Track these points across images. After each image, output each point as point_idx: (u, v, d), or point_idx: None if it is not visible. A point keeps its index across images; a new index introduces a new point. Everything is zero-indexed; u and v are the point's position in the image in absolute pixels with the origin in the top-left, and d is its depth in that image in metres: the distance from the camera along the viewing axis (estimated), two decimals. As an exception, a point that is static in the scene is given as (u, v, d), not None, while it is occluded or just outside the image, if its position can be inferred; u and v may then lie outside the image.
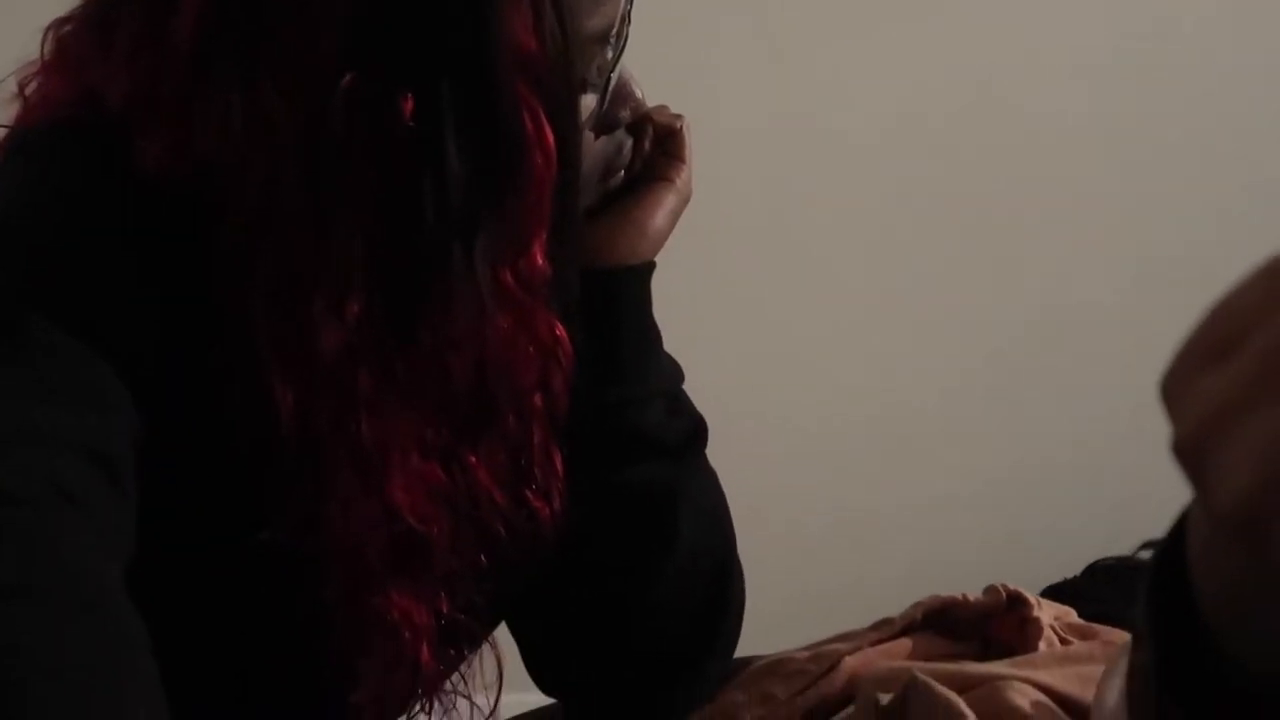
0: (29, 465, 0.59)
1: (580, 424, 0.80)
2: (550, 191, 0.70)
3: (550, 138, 0.69)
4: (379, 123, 0.66)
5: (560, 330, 0.74)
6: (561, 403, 0.76)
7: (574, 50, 0.70)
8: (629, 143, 0.84)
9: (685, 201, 0.86)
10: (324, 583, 0.72)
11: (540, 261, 0.71)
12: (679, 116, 0.86)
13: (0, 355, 0.63)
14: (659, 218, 0.84)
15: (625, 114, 0.81)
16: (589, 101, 0.75)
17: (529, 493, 0.77)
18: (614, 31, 0.75)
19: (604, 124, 0.79)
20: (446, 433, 0.73)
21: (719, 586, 0.87)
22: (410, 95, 0.66)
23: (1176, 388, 0.33)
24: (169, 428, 0.67)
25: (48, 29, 0.74)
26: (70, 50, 0.73)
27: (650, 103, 0.84)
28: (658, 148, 0.85)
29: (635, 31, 0.76)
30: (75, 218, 0.68)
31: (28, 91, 0.75)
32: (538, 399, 0.75)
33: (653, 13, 0.79)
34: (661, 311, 0.85)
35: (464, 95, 0.67)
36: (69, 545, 0.58)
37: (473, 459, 0.74)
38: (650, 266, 0.84)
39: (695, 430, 0.86)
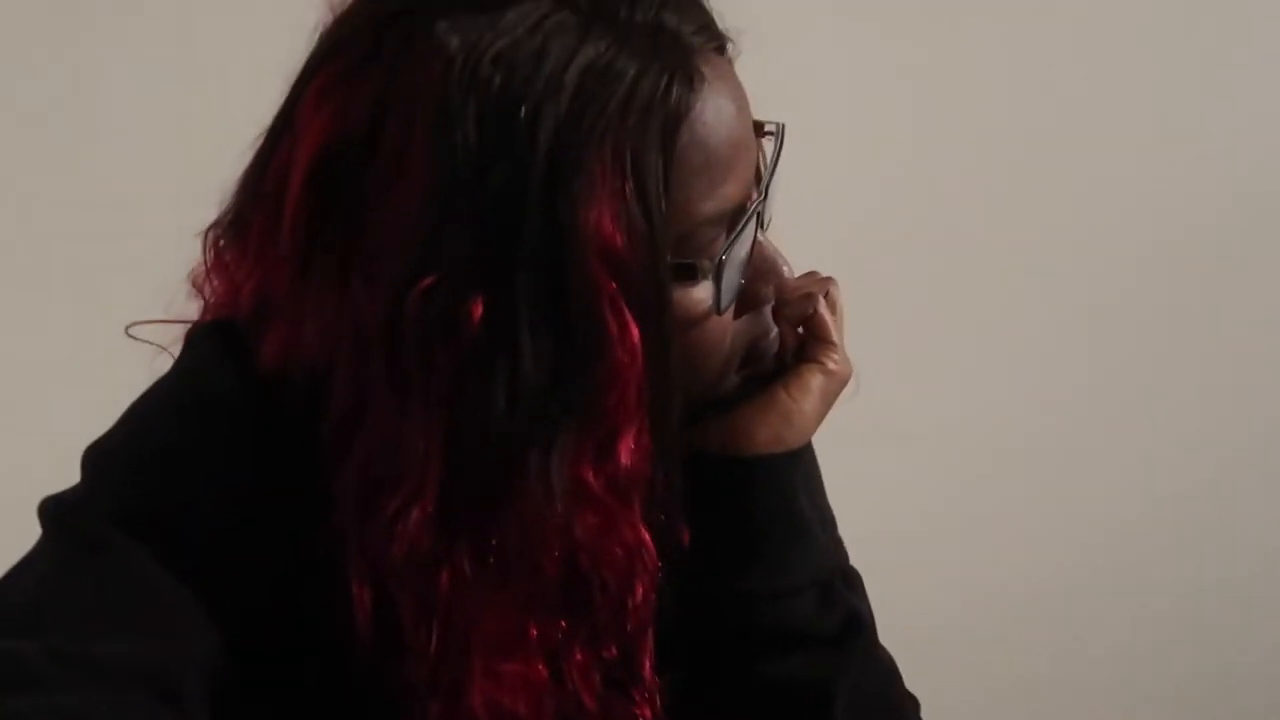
0: (65, 708, 0.61)
1: (724, 618, 0.77)
2: (636, 390, 0.68)
3: (635, 333, 0.67)
4: (451, 325, 0.65)
5: (645, 535, 0.71)
6: (646, 610, 0.73)
7: (660, 240, 0.67)
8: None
9: (841, 383, 0.81)
10: None
11: (626, 461, 0.69)
12: (810, 296, 0.80)
13: (80, 579, 0.67)
14: (806, 403, 0.79)
15: (768, 291, 0.77)
16: (703, 290, 0.71)
17: (636, 693, 0.75)
18: (735, 213, 0.72)
19: (745, 303, 0.76)
20: (551, 630, 0.71)
21: None
22: (481, 296, 0.65)
23: None
24: (267, 637, 0.70)
25: (206, 232, 0.76)
26: (220, 252, 0.75)
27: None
28: (804, 330, 0.80)
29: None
30: (197, 427, 0.72)
31: (206, 293, 0.78)
32: (633, 598, 0.72)
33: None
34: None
35: (539, 293, 0.65)
36: None
37: (580, 656, 0.72)
38: (795, 455, 0.79)
39: (850, 620, 0.80)
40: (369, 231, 0.67)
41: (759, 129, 0.76)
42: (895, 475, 1.76)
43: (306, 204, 0.68)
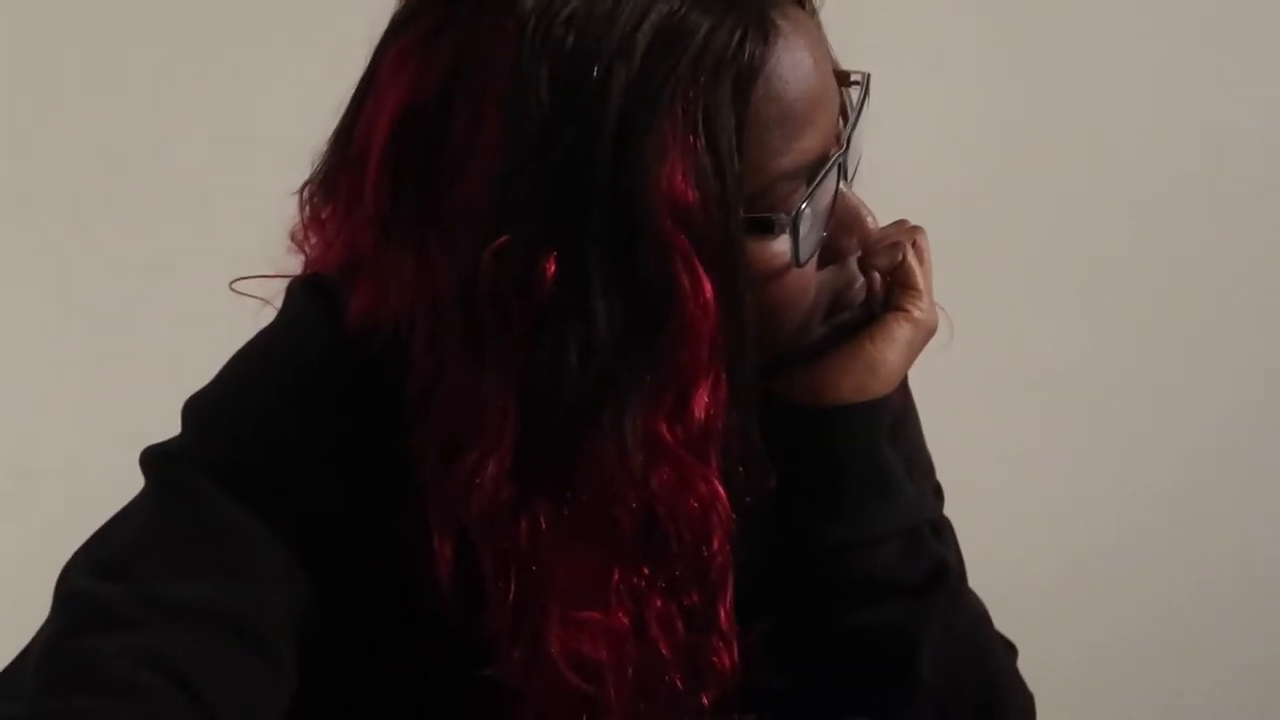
0: (148, 646, 0.65)
1: (807, 567, 0.78)
2: (710, 345, 0.68)
3: (707, 289, 0.67)
4: (524, 283, 0.67)
5: (719, 488, 0.72)
6: (723, 559, 0.73)
7: (733, 195, 0.67)
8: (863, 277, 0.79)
9: (928, 332, 0.80)
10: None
11: (701, 415, 0.69)
12: (898, 245, 0.79)
13: (172, 526, 0.71)
14: (890, 353, 0.78)
15: (851, 242, 0.76)
16: (782, 243, 0.71)
17: (714, 641, 0.75)
18: (815, 166, 0.71)
19: (828, 254, 0.75)
20: (633, 578, 0.73)
21: None
22: (553, 254, 0.66)
23: None
24: (353, 588, 0.73)
25: (301, 189, 0.78)
26: (315, 209, 0.78)
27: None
28: (891, 279, 0.80)
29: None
30: (292, 384, 0.75)
31: (306, 249, 0.80)
32: (709, 549, 0.73)
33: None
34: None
35: (611, 251, 0.66)
36: None
37: (660, 603, 0.73)
38: (880, 404, 0.78)
39: (936, 569, 0.79)
40: (445, 192, 0.68)
41: (844, 79, 0.76)
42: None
43: (387, 166, 0.70)
